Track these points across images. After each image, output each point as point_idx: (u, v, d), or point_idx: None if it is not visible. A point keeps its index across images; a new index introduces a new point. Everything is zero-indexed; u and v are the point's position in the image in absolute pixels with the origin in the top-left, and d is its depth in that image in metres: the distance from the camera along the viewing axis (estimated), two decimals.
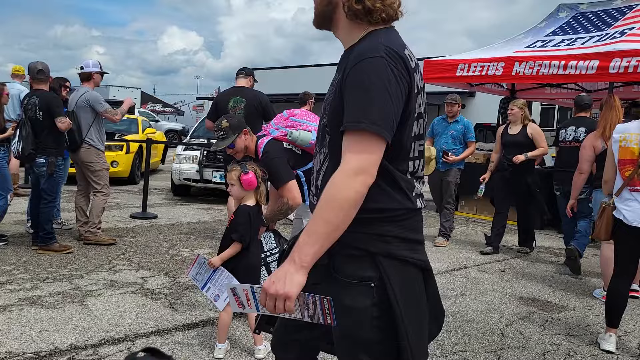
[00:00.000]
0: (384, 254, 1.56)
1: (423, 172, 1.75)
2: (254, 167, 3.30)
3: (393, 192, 1.59)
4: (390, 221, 1.58)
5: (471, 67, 8.94)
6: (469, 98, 19.56)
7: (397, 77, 1.50)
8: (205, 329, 3.71)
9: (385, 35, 1.59)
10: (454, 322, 4.13)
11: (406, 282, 1.59)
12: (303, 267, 1.49)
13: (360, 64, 1.50)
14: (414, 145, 1.63)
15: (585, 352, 3.69)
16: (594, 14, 9.05)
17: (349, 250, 1.57)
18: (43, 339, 3.38)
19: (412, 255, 1.62)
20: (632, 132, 3.71)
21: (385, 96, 1.47)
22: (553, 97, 12.55)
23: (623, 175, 3.71)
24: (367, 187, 1.48)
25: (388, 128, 1.48)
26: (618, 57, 7.14)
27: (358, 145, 1.47)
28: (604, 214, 3.79)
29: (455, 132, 6.96)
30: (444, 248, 6.74)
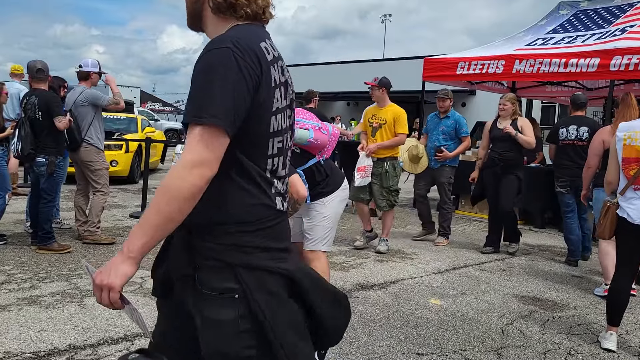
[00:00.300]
0: (243, 265, 1.49)
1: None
2: None
3: (250, 190, 1.53)
4: (249, 231, 1.51)
5: (471, 66, 8.93)
6: (469, 96, 19.56)
7: (243, 69, 1.45)
8: None
9: (243, 29, 1.56)
10: (455, 321, 4.11)
11: (273, 293, 1.52)
12: (130, 257, 1.44)
13: (205, 55, 1.47)
14: (273, 142, 1.57)
15: (586, 351, 3.68)
16: (595, 12, 9.04)
17: (210, 261, 1.51)
18: (42, 338, 3.37)
19: (277, 265, 1.54)
20: (638, 130, 3.67)
21: (228, 88, 1.43)
22: (554, 95, 12.55)
23: (627, 174, 3.67)
24: (205, 180, 1.42)
25: (228, 120, 1.43)
26: (619, 55, 7.13)
27: (197, 137, 1.42)
28: (608, 213, 3.75)
29: (446, 127, 6.79)
30: (444, 247, 6.73)
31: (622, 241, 3.76)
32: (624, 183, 3.70)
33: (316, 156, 3.58)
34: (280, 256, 1.57)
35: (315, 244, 3.62)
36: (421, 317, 4.16)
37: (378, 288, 4.87)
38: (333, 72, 23.00)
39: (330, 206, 3.63)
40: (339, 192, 3.68)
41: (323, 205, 3.60)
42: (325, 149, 3.63)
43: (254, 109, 1.49)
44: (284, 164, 1.64)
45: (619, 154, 3.72)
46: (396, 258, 6.04)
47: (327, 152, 3.68)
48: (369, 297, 4.58)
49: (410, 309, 4.33)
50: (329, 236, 3.66)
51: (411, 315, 4.20)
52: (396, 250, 6.42)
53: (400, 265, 5.71)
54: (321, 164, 3.60)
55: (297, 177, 3.38)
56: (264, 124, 1.54)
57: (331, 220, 3.64)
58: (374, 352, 3.46)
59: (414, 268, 5.64)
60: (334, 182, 3.67)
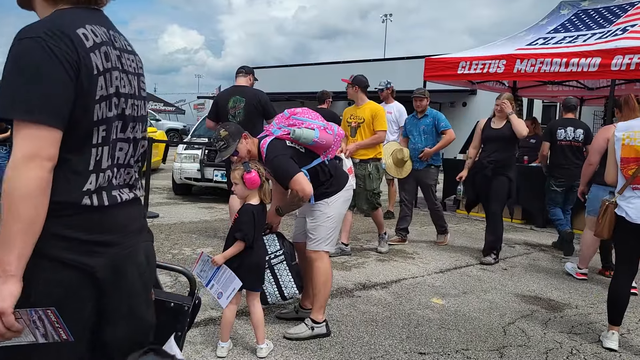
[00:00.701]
0: (36, 252, 1.38)
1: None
2: (257, 166, 3.30)
3: (64, 181, 1.44)
4: (54, 216, 1.41)
5: (472, 65, 8.93)
6: (470, 96, 19.55)
7: (57, 57, 1.39)
8: (207, 327, 3.71)
9: (64, 13, 1.50)
10: (456, 320, 4.12)
11: (59, 285, 1.43)
12: (10, 275, 1.33)
13: (14, 47, 1.41)
14: (98, 131, 1.50)
15: (588, 350, 3.68)
16: (596, 11, 9.04)
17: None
18: None
19: (76, 257, 1.45)
20: (637, 129, 3.67)
21: (41, 78, 1.37)
22: (555, 94, 12.55)
23: (626, 173, 3.68)
24: (46, 170, 1.36)
25: (48, 111, 1.37)
26: (620, 55, 7.13)
27: (22, 132, 1.36)
28: (607, 212, 3.77)
29: (426, 126, 6.63)
30: (445, 246, 6.73)
31: (621, 240, 3.78)
32: (622, 182, 3.71)
33: (321, 156, 3.59)
34: (87, 249, 1.47)
35: (318, 244, 3.62)
36: (423, 316, 4.17)
37: (380, 287, 4.88)
38: (333, 72, 23.01)
39: (334, 206, 3.63)
40: (343, 192, 3.68)
41: (327, 205, 3.60)
42: (330, 149, 3.63)
43: (80, 98, 1.44)
44: (111, 155, 1.56)
45: (618, 154, 3.72)
46: (398, 257, 6.04)
47: (332, 152, 3.68)
48: (370, 297, 4.59)
49: (412, 309, 4.34)
50: (332, 236, 3.65)
51: (413, 314, 4.20)
52: (398, 250, 6.42)
53: (401, 265, 5.72)
54: (326, 164, 3.61)
55: (301, 175, 3.39)
56: (87, 112, 1.46)
57: (335, 221, 3.64)
58: (376, 352, 3.47)
59: (415, 267, 5.65)
60: (338, 182, 3.67)
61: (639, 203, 3.61)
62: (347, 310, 4.21)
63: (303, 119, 3.57)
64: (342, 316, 4.07)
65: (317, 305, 3.65)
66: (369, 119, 6.02)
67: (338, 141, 3.69)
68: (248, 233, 3.21)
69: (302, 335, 3.59)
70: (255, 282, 3.33)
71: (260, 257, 3.38)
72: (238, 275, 3.19)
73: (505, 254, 6.47)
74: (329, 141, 3.57)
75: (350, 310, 4.23)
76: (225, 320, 3.28)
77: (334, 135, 3.61)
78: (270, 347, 3.38)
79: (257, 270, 3.33)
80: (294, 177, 3.40)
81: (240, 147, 3.47)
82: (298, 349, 3.44)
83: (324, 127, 3.57)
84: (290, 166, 3.42)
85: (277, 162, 3.43)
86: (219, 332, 3.36)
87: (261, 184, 3.28)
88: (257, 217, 3.27)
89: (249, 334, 3.60)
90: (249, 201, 3.31)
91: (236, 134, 3.46)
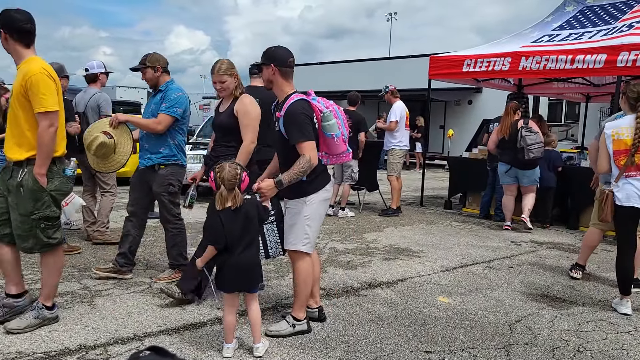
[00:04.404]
0: None
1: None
2: (219, 170, 3.26)
3: None
4: None
5: (477, 63, 8.91)
6: (476, 94, 19.48)
7: None
8: (213, 327, 3.72)
9: None
10: (463, 319, 4.12)
11: None
12: None
13: None
14: None
15: (595, 348, 3.67)
16: (601, 8, 8.99)
17: None
18: (53, 338, 3.40)
19: None
20: (623, 126, 4.36)
21: None
22: (560, 91, 12.49)
23: (618, 164, 4.34)
24: None
25: None
26: (626, 51, 7.10)
27: None
28: (608, 200, 4.42)
29: (155, 106, 4.65)
30: (452, 245, 6.72)
31: (618, 223, 4.48)
32: (617, 172, 4.35)
33: (320, 153, 3.57)
34: None
35: (294, 243, 3.59)
36: (429, 315, 4.17)
37: (386, 286, 4.88)
38: (340, 71, 23.01)
39: (311, 206, 3.57)
40: (322, 192, 3.62)
41: (304, 204, 3.56)
42: (331, 156, 3.65)
43: None
44: None
45: (610, 148, 4.38)
46: (403, 256, 6.04)
47: (332, 158, 3.69)
48: (376, 296, 4.59)
49: (418, 307, 4.34)
50: (309, 237, 3.58)
51: (419, 313, 4.20)
52: (403, 249, 6.42)
53: (407, 264, 5.72)
54: (320, 162, 3.57)
55: (313, 144, 3.41)
56: None
57: (312, 221, 3.57)
58: (382, 350, 3.47)
59: (421, 266, 5.64)
60: (319, 183, 3.61)
61: (629, 188, 4.29)
62: (353, 309, 4.21)
63: (340, 117, 3.61)
64: (348, 315, 4.08)
65: (298, 304, 3.66)
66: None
67: (340, 159, 3.71)
68: (214, 237, 3.22)
69: (283, 333, 3.60)
70: (247, 284, 3.29)
71: (248, 258, 3.27)
72: (224, 275, 3.22)
73: (511, 252, 6.45)
74: (337, 149, 3.60)
75: (356, 309, 4.23)
76: (227, 323, 3.29)
77: (343, 151, 3.64)
78: (267, 345, 3.38)
79: (246, 272, 3.26)
80: (309, 142, 3.42)
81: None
82: (304, 348, 3.45)
83: (345, 139, 3.62)
84: (310, 129, 3.45)
85: (301, 120, 3.43)
86: (224, 333, 3.37)
87: (217, 187, 3.26)
88: (225, 220, 3.22)
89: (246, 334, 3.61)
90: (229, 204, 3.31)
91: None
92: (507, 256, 6.25)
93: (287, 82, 3.64)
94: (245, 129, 4.17)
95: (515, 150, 7.53)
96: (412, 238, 7.07)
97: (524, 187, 7.81)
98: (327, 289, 4.70)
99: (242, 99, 4.27)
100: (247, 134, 4.17)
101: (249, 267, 3.28)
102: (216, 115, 4.42)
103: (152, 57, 4.66)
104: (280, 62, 3.59)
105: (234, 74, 4.27)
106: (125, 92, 32.23)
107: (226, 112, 4.29)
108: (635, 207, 4.29)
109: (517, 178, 7.79)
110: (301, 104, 3.48)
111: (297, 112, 3.44)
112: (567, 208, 8.28)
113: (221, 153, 4.22)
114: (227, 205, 3.24)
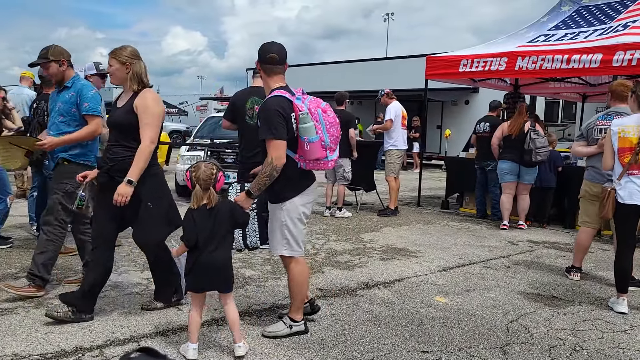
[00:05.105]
0: None
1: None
2: (194, 169, 3.26)
3: None
4: None
5: (474, 63, 8.92)
6: (472, 94, 19.48)
7: None
8: (210, 328, 3.72)
9: None
10: (459, 318, 4.12)
11: None
12: None
13: None
14: None
15: (591, 347, 3.68)
16: (597, 8, 9.01)
17: None
18: (49, 340, 3.40)
19: None
20: (629, 124, 4.36)
21: None
22: (557, 91, 12.51)
23: (622, 161, 4.35)
24: None
25: None
26: (621, 50, 7.12)
27: None
28: (610, 197, 4.41)
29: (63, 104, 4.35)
30: (449, 245, 6.73)
31: (618, 221, 4.49)
32: (620, 170, 4.36)
33: (297, 154, 3.47)
34: None
35: (276, 248, 3.59)
36: (426, 314, 4.17)
37: (383, 286, 4.88)
38: (337, 72, 23.01)
39: (288, 211, 3.51)
40: (301, 197, 3.54)
41: (280, 209, 3.53)
42: (309, 161, 3.49)
43: None
44: None
45: (615, 145, 4.40)
46: (401, 256, 6.04)
47: (308, 163, 3.50)
48: (373, 296, 4.60)
49: (415, 307, 4.34)
50: (289, 241, 3.54)
51: (416, 313, 4.21)
52: (400, 249, 6.42)
53: (404, 264, 5.72)
54: (295, 162, 3.48)
55: (283, 143, 3.32)
56: None
57: (290, 225, 3.52)
58: (379, 350, 3.47)
59: (418, 266, 5.65)
60: (297, 187, 3.53)
61: (631, 186, 4.30)
62: (350, 310, 4.21)
63: (321, 120, 3.46)
64: (345, 315, 4.08)
65: (295, 306, 3.65)
66: None
67: (318, 165, 3.51)
68: (186, 235, 3.25)
69: (280, 334, 3.59)
70: (220, 283, 3.30)
71: (220, 257, 3.26)
72: (194, 274, 3.23)
73: (508, 252, 6.46)
74: (311, 155, 3.42)
75: (353, 309, 4.23)
76: (193, 322, 3.26)
77: (323, 160, 3.47)
78: (247, 347, 3.35)
79: (218, 271, 3.26)
80: (277, 140, 3.32)
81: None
82: (301, 348, 3.45)
83: (326, 145, 3.45)
84: (280, 128, 3.33)
85: (272, 116, 3.33)
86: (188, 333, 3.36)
87: (192, 186, 3.26)
88: (198, 219, 3.24)
89: (249, 335, 3.61)
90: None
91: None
92: (504, 256, 6.26)
93: (271, 77, 3.56)
94: (144, 128, 3.65)
95: (522, 151, 7.61)
96: (409, 238, 7.07)
97: (522, 185, 7.85)
98: (324, 289, 4.70)
99: (143, 94, 3.74)
100: (147, 133, 3.65)
101: (221, 267, 3.29)
102: (112, 111, 3.86)
103: (55, 50, 4.26)
104: (261, 58, 3.56)
105: (126, 62, 3.74)
106: None
107: (124, 108, 3.76)
108: (638, 205, 4.31)
109: (517, 176, 7.84)
110: (278, 100, 3.40)
111: (271, 108, 3.37)
112: (564, 207, 8.29)
113: (118, 155, 3.72)
114: (202, 204, 3.27)
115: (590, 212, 5.15)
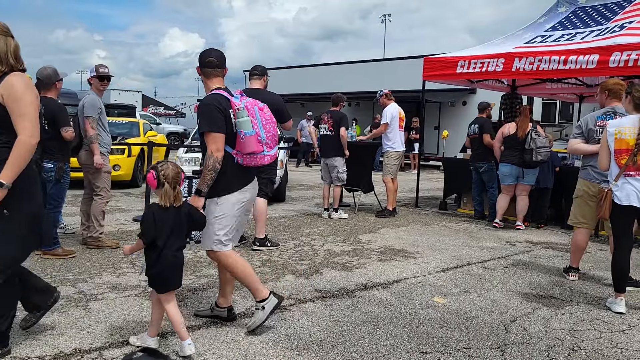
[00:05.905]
0: None
1: None
2: (162, 168, 3.27)
3: None
4: None
5: (471, 64, 8.94)
6: (470, 95, 19.53)
7: None
8: (209, 330, 3.72)
9: None
10: (458, 319, 4.13)
11: None
12: None
13: None
14: None
15: (590, 347, 3.69)
16: (593, 9, 9.05)
17: None
18: (48, 343, 3.39)
19: None
20: (626, 125, 4.39)
21: None
22: (554, 92, 12.55)
23: (619, 163, 4.36)
24: None
25: None
26: (618, 51, 7.14)
27: None
28: (607, 197, 4.43)
29: None
30: (447, 245, 6.74)
31: (614, 221, 4.51)
32: (616, 171, 4.39)
33: (234, 150, 3.54)
34: None
35: (207, 244, 3.65)
36: (424, 315, 4.18)
37: (381, 287, 4.89)
38: (334, 73, 23.04)
39: (223, 207, 3.57)
40: (237, 194, 3.59)
41: (215, 204, 3.58)
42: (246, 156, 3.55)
43: None
44: None
45: (611, 146, 4.41)
46: (399, 257, 6.05)
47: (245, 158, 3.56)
48: (372, 297, 4.60)
49: (413, 308, 4.35)
50: (220, 236, 3.58)
51: (414, 314, 4.21)
52: (399, 250, 6.43)
53: (403, 265, 5.73)
54: (233, 158, 3.55)
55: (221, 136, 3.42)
56: None
57: (224, 220, 3.57)
58: (378, 351, 3.48)
59: (416, 267, 5.65)
60: (233, 183, 3.58)
61: (628, 188, 4.33)
62: (349, 311, 4.22)
63: (257, 117, 3.57)
64: (343, 317, 4.08)
65: (252, 289, 3.69)
66: None
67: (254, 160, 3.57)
68: (144, 232, 3.25)
69: (260, 320, 3.63)
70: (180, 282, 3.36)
71: (180, 258, 3.33)
72: (165, 276, 3.25)
73: (506, 252, 6.47)
74: (247, 148, 3.49)
75: (351, 310, 4.23)
76: (178, 320, 3.27)
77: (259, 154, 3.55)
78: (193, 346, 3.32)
79: (181, 270, 3.34)
80: (215, 133, 3.43)
81: None
82: (300, 349, 3.45)
83: (262, 141, 3.54)
84: (218, 121, 3.45)
85: (210, 110, 3.46)
86: (149, 326, 3.34)
87: (159, 184, 3.25)
88: (157, 217, 3.24)
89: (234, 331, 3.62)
90: (156, 200, 3.34)
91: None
92: (502, 256, 6.27)
93: (210, 79, 3.70)
94: (19, 119, 2.93)
95: (523, 151, 7.65)
96: (408, 239, 7.08)
97: (522, 186, 7.89)
98: (323, 290, 4.71)
99: (7, 79, 2.97)
100: (24, 125, 2.93)
101: (182, 265, 3.38)
102: None
103: None
104: (200, 62, 3.71)
105: None
106: (120, 96, 32.19)
107: None
108: (635, 207, 4.33)
109: (518, 178, 7.89)
110: (215, 97, 3.54)
111: (209, 103, 3.50)
112: (562, 208, 8.31)
113: None
114: (171, 203, 3.28)
115: (586, 213, 5.15)
